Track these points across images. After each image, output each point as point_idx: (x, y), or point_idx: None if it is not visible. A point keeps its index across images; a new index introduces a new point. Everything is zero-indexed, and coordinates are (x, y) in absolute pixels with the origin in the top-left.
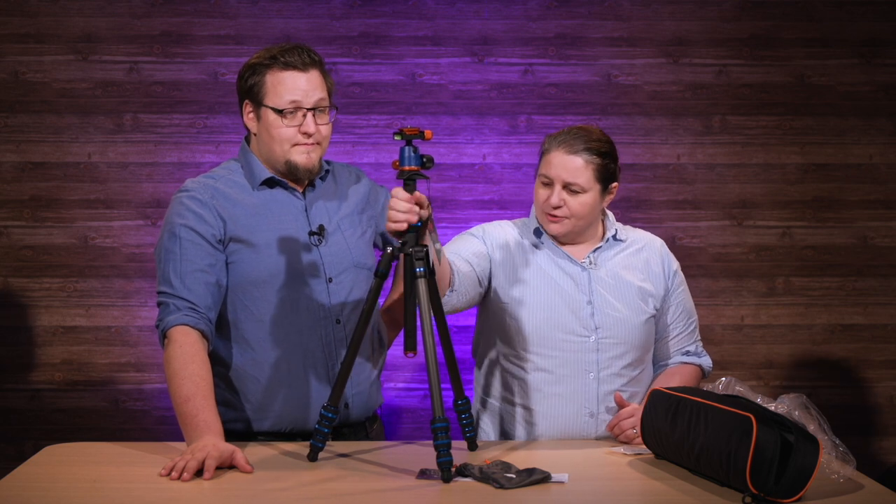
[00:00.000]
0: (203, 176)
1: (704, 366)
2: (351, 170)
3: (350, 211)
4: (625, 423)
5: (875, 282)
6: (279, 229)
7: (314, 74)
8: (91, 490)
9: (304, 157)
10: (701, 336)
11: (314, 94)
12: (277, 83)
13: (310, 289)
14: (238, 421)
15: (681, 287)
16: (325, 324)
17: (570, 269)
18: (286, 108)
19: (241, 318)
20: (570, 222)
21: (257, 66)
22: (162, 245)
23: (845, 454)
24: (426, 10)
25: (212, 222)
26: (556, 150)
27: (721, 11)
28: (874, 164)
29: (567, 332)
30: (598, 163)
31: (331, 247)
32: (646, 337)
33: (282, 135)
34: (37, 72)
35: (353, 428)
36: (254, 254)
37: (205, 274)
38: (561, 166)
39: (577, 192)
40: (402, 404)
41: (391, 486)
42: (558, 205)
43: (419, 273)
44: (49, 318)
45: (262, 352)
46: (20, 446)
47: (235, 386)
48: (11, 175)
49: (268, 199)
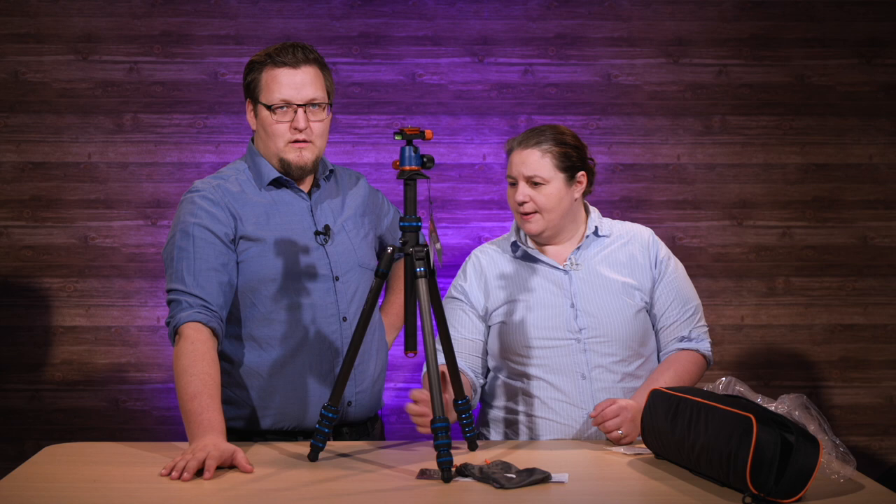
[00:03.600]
0: (211, 176)
1: (702, 350)
2: (351, 173)
3: (353, 213)
4: (609, 424)
5: (875, 282)
6: (286, 229)
7: (307, 71)
8: (91, 490)
9: (295, 154)
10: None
11: (306, 91)
12: (271, 80)
13: (317, 287)
14: (241, 419)
15: (672, 275)
16: (332, 322)
17: (551, 275)
18: (276, 104)
19: (247, 316)
20: (541, 218)
21: (255, 64)
22: (174, 244)
23: (845, 454)
24: (426, 10)
25: (224, 221)
26: (515, 149)
27: (721, 11)
28: (874, 164)
29: (553, 338)
30: (556, 151)
31: (336, 246)
32: (637, 331)
33: (275, 131)
34: (37, 72)
35: (355, 428)
36: (262, 252)
37: (217, 273)
38: (520, 162)
39: (539, 184)
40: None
41: (391, 486)
42: (524, 200)
43: (419, 273)
44: (49, 318)
45: (268, 349)
46: (20, 446)
47: (239, 383)
48: (11, 175)
49: (275, 198)
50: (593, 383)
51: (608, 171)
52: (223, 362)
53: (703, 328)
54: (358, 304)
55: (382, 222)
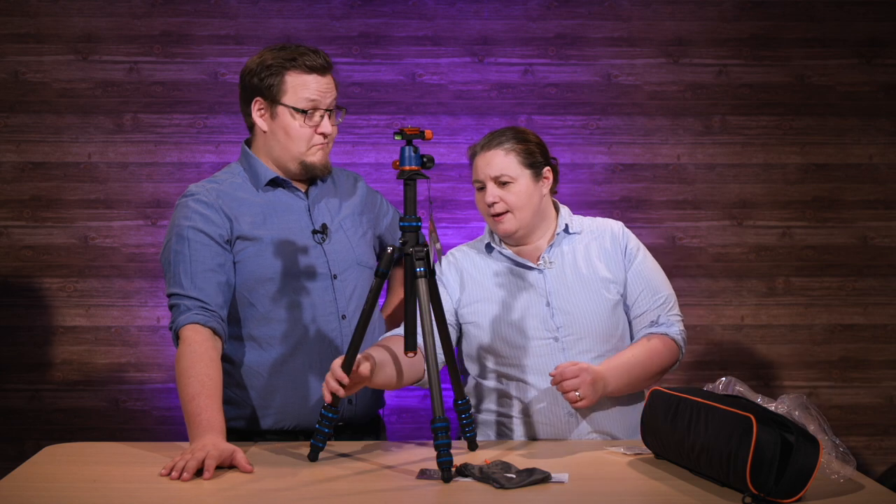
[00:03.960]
0: (206, 180)
1: (671, 333)
2: (348, 173)
3: (350, 212)
4: (567, 384)
5: (875, 282)
6: (284, 228)
7: (330, 76)
8: (91, 490)
9: (319, 155)
10: (700, 335)
11: (330, 96)
12: (300, 84)
13: (315, 285)
14: (241, 418)
15: (640, 265)
16: (331, 320)
17: (525, 276)
18: (307, 108)
19: (246, 316)
20: (513, 217)
21: (274, 66)
22: (170, 248)
23: (845, 454)
24: (426, 10)
25: (218, 222)
26: (479, 153)
27: (721, 11)
28: (874, 164)
29: (531, 339)
30: (519, 149)
31: (334, 245)
32: (615, 324)
33: (301, 134)
34: (37, 72)
35: (355, 428)
36: (260, 252)
37: (215, 273)
38: (485, 164)
39: (507, 182)
40: (403, 404)
41: (391, 486)
42: (494, 201)
43: (419, 273)
44: (49, 318)
45: (268, 349)
46: (20, 446)
47: (240, 383)
48: (11, 175)
49: (272, 199)
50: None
51: (608, 171)
52: (223, 363)
53: (676, 316)
54: (357, 303)
55: (381, 222)
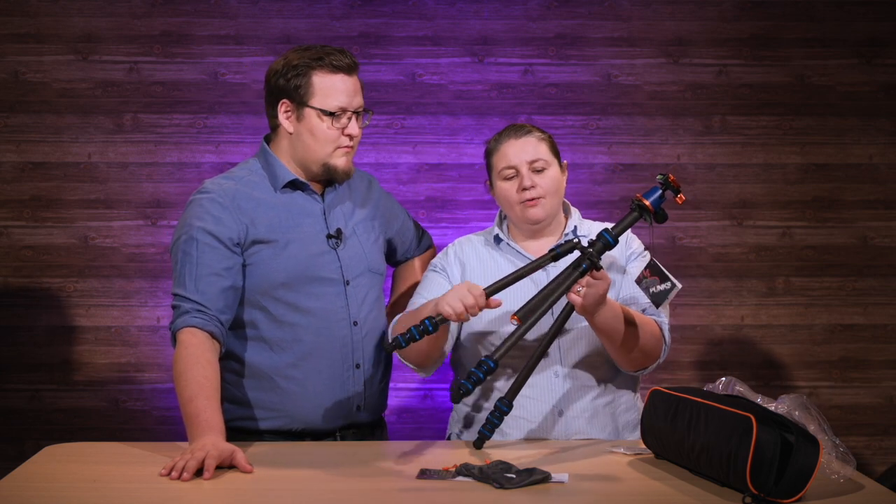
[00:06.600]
0: (222, 177)
1: (658, 321)
2: (362, 174)
3: (364, 217)
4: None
5: (875, 282)
6: (299, 231)
7: (356, 77)
8: (91, 490)
9: (344, 160)
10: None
11: (357, 98)
12: (328, 85)
13: (328, 291)
14: (249, 419)
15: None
16: (342, 326)
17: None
18: (335, 110)
19: (259, 318)
20: (546, 202)
21: (300, 67)
22: (179, 246)
23: (845, 454)
24: (426, 10)
25: (231, 225)
26: (505, 142)
27: (721, 11)
28: (874, 164)
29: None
30: (546, 138)
31: (348, 250)
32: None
33: (328, 136)
34: (37, 72)
35: (360, 429)
36: (274, 255)
37: (220, 278)
38: (520, 150)
39: (542, 169)
40: (403, 404)
41: (391, 486)
42: (532, 185)
43: (582, 268)
44: (49, 318)
45: (279, 351)
46: (20, 446)
47: (250, 384)
48: (11, 175)
49: (288, 201)
50: (565, 380)
51: (608, 171)
52: (234, 363)
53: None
54: (368, 309)
55: (392, 225)
